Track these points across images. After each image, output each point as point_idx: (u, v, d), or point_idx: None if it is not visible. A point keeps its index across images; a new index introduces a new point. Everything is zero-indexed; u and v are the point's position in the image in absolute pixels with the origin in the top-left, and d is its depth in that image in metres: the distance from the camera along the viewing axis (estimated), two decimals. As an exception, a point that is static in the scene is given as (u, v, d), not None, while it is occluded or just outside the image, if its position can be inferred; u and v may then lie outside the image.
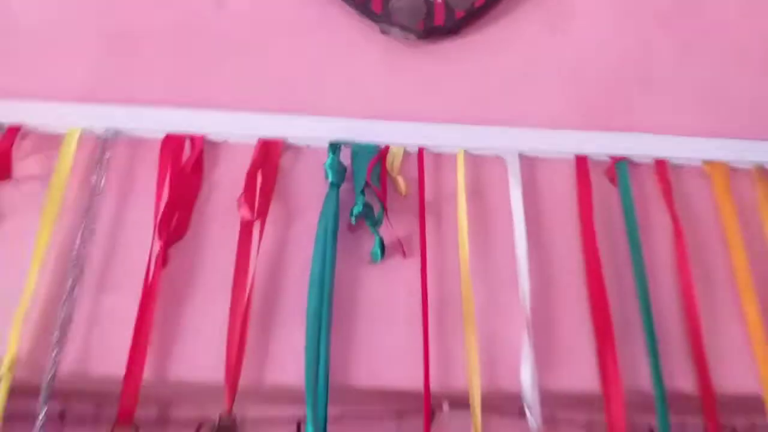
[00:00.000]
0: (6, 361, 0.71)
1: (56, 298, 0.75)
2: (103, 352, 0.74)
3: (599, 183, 0.88)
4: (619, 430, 0.73)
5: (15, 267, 0.75)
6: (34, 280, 0.74)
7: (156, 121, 0.84)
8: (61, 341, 0.73)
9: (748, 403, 0.79)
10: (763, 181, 0.89)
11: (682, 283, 0.81)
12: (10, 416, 0.69)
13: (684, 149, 0.89)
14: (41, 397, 0.70)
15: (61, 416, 0.78)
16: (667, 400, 0.75)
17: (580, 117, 0.92)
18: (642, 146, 0.89)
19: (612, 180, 0.88)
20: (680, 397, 0.77)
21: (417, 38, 0.95)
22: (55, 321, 0.73)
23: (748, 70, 0.98)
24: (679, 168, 0.90)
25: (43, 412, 0.70)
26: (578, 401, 0.78)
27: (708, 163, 0.89)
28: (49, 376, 0.71)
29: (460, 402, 0.75)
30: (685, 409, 0.78)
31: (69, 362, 0.73)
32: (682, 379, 0.78)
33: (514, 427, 0.77)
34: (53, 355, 0.72)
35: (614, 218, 0.86)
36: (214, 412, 0.72)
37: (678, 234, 0.83)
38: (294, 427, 0.79)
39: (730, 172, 0.89)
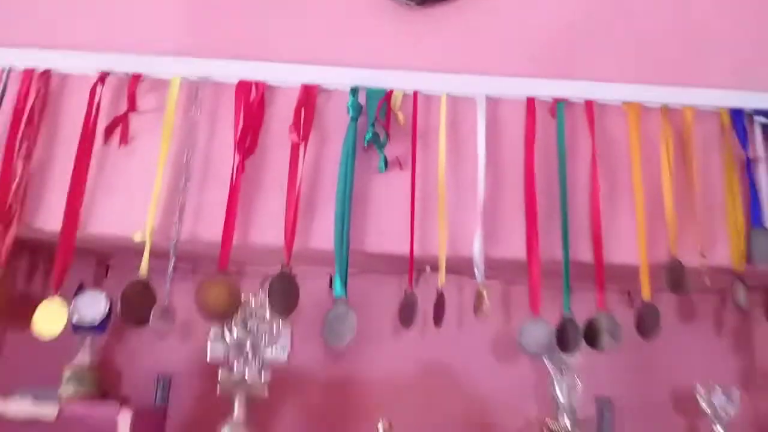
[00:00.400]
0: (147, 232, 1.13)
1: (174, 191, 1.16)
2: (206, 226, 1.16)
3: (544, 118, 1.23)
4: (535, 287, 1.14)
5: (146, 170, 1.16)
6: (159, 180, 1.15)
7: (231, 71, 1.21)
8: (179, 218, 1.15)
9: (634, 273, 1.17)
10: (667, 117, 1.22)
11: (592, 186, 1.18)
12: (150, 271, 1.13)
13: (608, 92, 1.22)
14: (171, 256, 1.13)
15: (175, 269, 1.22)
16: (570, 267, 1.14)
17: (532, 66, 1.25)
18: (577, 90, 1.22)
19: (552, 116, 1.22)
20: (581, 266, 1.16)
21: (416, 4, 1.28)
22: (175, 206, 1.15)
23: (662, 27, 1.28)
24: (603, 107, 1.23)
25: (171, 266, 1.13)
26: (512, 265, 1.17)
27: (626, 103, 1.23)
28: (174, 242, 1.14)
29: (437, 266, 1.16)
30: (586, 276, 1.16)
31: (185, 232, 1.15)
32: (585, 253, 1.17)
33: (470, 285, 1.18)
34: (175, 227, 1.14)
35: (552, 143, 1.21)
36: (275, 269, 1.14)
37: (593, 153, 1.19)
38: (327, 280, 1.22)
39: (642, 110, 1.23)
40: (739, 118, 1.24)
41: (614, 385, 1.32)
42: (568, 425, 1.19)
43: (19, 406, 1.06)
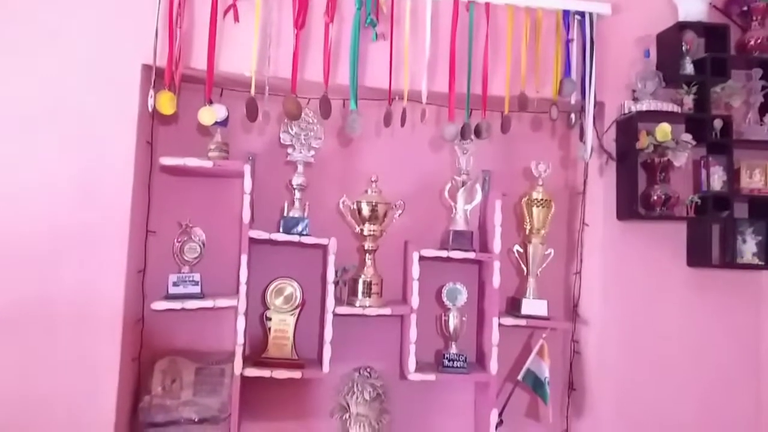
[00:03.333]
0: (252, 69, 2.15)
1: (264, 49, 2.18)
2: (283, 67, 2.20)
3: (462, 12, 2.28)
4: (451, 106, 2.28)
5: (249, 37, 2.16)
6: (256, 41, 2.15)
7: (288, -22, 2.17)
8: (268, 63, 2.17)
9: (502, 101, 2.33)
10: (528, 13, 2.31)
11: (485, 51, 2.28)
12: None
13: None
14: (266, 84, 2.17)
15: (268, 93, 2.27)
16: (470, 97, 2.28)
17: (459, -17, 2.28)
18: (482, -2, 2.28)
19: (467, 10, 2.27)
20: (476, 96, 2.30)
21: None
22: (265, 57, 2.17)
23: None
24: (495, 7, 2.30)
25: (267, 90, 2.17)
26: (440, 96, 2.29)
27: (507, 5, 2.29)
28: (267, 77, 2.17)
29: (402, 96, 2.26)
30: (477, 104, 2.31)
31: (271, 71, 2.18)
32: (478, 88, 2.30)
33: (418, 108, 2.29)
34: (266, 67, 2.17)
35: (466, 23, 2.29)
36: (318, 95, 2.22)
37: (487, 33, 2.28)
38: (342, 103, 2.31)
39: (515, 9, 2.30)
40: (566, 15, 2.37)
41: (491, 163, 2.55)
42: (465, 179, 2.42)
43: (192, 161, 2.15)
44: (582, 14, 2.40)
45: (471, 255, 2.34)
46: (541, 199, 2.43)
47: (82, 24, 2.15)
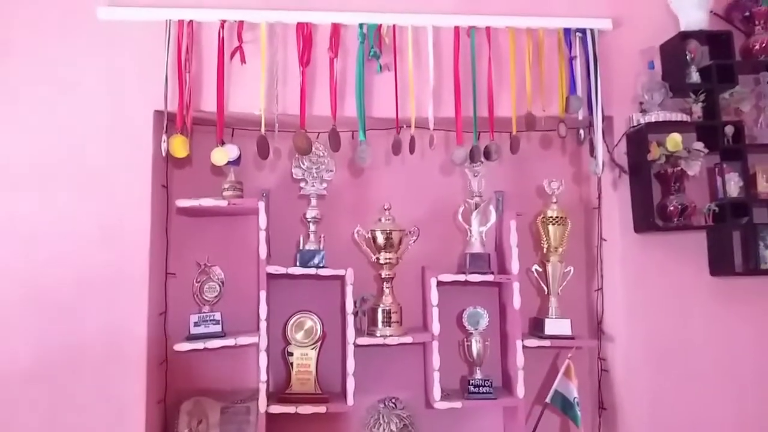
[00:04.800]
0: (261, 108, 2.24)
1: (271, 88, 2.26)
2: (291, 104, 2.28)
3: (464, 38, 2.36)
4: (459, 130, 2.34)
5: (256, 78, 2.25)
6: (263, 81, 2.24)
7: (293, 17, 2.28)
8: (276, 101, 2.26)
9: (509, 122, 2.38)
10: (530, 35, 2.38)
11: (488, 74, 2.35)
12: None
13: (498, 21, 2.36)
14: (275, 122, 2.25)
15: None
16: (477, 120, 2.34)
17: (457, 7, 2.36)
18: (481, 21, 2.35)
19: (468, 36, 2.35)
20: (482, 119, 2.35)
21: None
22: (273, 95, 2.26)
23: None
24: (496, 30, 2.39)
25: (276, 127, 2.26)
26: (447, 121, 2.36)
27: (508, 27, 2.37)
28: (276, 114, 2.25)
29: (409, 123, 2.33)
30: (485, 126, 2.36)
31: (280, 109, 2.27)
32: (485, 111, 2.36)
33: (426, 134, 2.35)
34: (275, 106, 2.26)
35: (468, 51, 2.36)
36: (327, 129, 2.29)
37: (489, 57, 2.36)
38: (350, 134, 2.39)
39: (516, 32, 2.38)
40: (567, 33, 2.43)
41: (503, 184, 2.60)
42: (478, 201, 2.46)
43: (207, 201, 2.23)
44: (583, 31, 2.46)
45: (489, 277, 2.37)
46: (557, 217, 2.46)
47: (95, 75, 2.28)
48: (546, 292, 2.49)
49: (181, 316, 2.31)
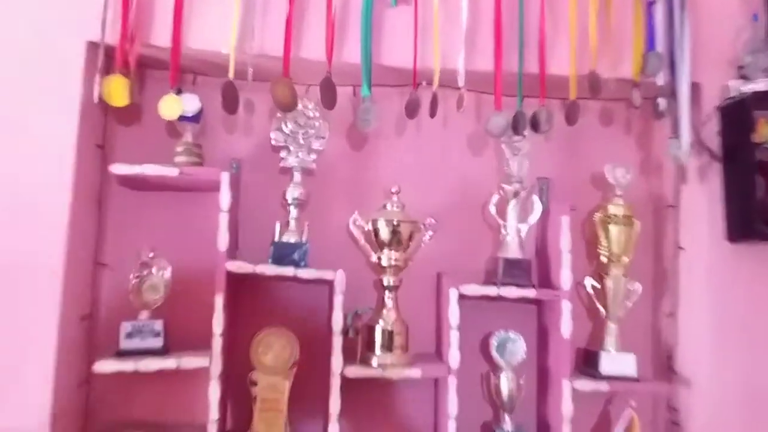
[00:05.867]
0: (231, 46, 1.68)
1: (247, 14, 1.70)
2: (271, 44, 1.72)
3: None
4: (498, 88, 1.77)
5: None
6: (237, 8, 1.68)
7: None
8: (252, 36, 1.69)
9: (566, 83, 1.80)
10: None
11: (540, 19, 1.78)
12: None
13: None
14: (248, 65, 1.68)
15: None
16: (522, 77, 1.77)
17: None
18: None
19: None
20: (530, 77, 1.78)
21: None
22: (248, 27, 1.69)
23: None
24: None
25: (250, 72, 1.69)
26: (483, 77, 1.79)
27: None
28: (250, 54, 1.69)
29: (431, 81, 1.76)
30: (533, 90, 1.79)
31: (255, 47, 1.71)
32: (533, 66, 1.79)
33: (453, 97, 1.78)
34: (249, 43, 1.69)
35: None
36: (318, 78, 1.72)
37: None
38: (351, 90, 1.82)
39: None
40: (647, -30, 1.85)
41: (551, 168, 2.01)
42: (518, 188, 1.88)
43: (152, 169, 1.66)
44: (669, -32, 1.89)
45: (530, 292, 1.78)
46: (623, 216, 1.88)
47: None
48: (604, 316, 1.90)
49: (119, 322, 1.70)
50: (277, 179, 1.88)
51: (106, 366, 1.59)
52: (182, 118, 1.73)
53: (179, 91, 1.73)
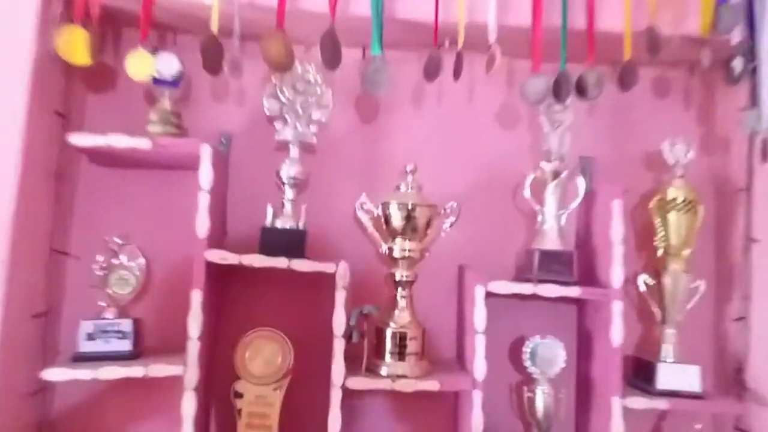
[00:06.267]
0: None
1: None
2: None
3: None
4: (537, 46, 1.47)
5: None
6: None
7: None
8: None
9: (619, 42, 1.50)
10: None
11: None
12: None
13: None
14: (235, 15, 1.41)
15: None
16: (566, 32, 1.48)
17: None
18: None
19: None
20: (575, 35, 1.48)
21: None
22: None
23: None
24: None
25: (237, 24, 1.42)
26: (517, 34, 1.49)
27: None
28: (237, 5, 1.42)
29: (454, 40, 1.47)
30: (579, 49, 1.49)
31: None
32: (579, 21, 1.49)
33: (480, 59, 1.49)
34: None
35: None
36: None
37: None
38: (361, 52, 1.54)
39: None
40: None
41: (596, 145, 1.71)
42: (558, 168, 1.59)
43: (120, 140, 1.41)
44: None
45: (573, 291, 1.48)
46: (683, 201, 1.58)
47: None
48: (660, 319, 1.60)
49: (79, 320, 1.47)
50: (274, 156, 1.59)
51: (57, 374, 1.33)
52: (159, 82, 1.48)
53: (156, 50, 1.48)
